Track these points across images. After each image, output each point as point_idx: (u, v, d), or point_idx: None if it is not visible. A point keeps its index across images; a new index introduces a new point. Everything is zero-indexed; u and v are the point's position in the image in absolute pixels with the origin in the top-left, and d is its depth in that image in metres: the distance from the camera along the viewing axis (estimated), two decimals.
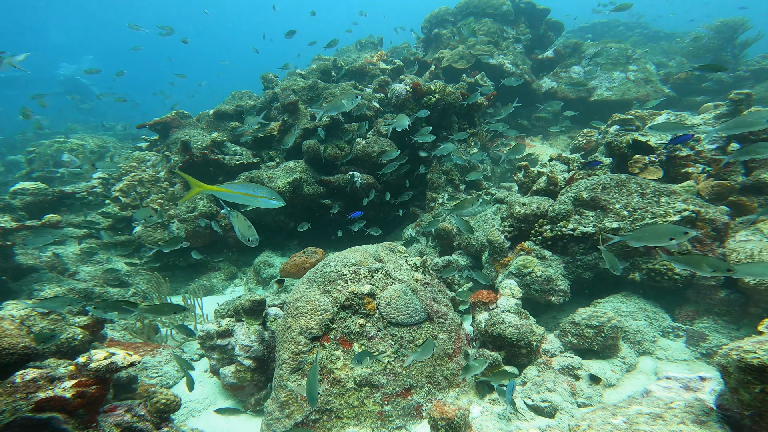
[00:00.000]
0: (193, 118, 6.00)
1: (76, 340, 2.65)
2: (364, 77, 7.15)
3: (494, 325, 2.74)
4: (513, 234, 3.64)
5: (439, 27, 8.80)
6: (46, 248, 4.31)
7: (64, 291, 3.59)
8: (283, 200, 1.97)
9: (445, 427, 1.98)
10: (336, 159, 5.32)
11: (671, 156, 3.63)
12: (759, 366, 1.04)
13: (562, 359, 2.65)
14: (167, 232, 4.83)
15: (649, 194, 3.14)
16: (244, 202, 1.97)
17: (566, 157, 4.25)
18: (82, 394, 1.74)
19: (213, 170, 5.35)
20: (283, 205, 1.97)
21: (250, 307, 3.09)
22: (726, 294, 2.85)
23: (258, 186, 1.98)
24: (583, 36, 12.95)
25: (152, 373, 3.32)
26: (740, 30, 8.95)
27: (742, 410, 1.10)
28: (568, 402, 2.37)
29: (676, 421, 1.15)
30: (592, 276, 3.23)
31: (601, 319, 2.74)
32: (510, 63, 8.06)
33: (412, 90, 5.51)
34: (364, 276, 2.75)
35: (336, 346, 2.57)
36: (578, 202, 3.34)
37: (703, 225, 2.98)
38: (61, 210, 4.88)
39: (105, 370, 1.76)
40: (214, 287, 5.12)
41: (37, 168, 6.35)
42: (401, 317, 2.63)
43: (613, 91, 8.06)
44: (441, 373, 2.62)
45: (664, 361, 2.78)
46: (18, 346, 1.37)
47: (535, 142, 7.96)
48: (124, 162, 5.38)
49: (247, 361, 2.99)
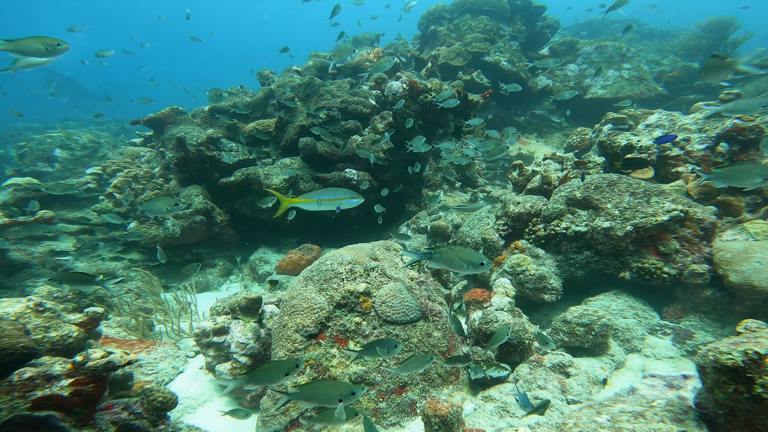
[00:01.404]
0: (188, 114, 5.96)
1: (71, 338, 2.65)
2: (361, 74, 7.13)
3: (488, 324, 2.79)
4: (507, 232, 3.69)
5: (436, 24, 8.78)
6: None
7: (57, 288, 3.57)
8: (361, 197, 2.09)
9: (439, 424, 2.03)
10: (332, 156, 5.32)
11: (662, 156, 3.69)
12: (733, 367, 1.09)
13: (554, 357, 2.70)
14: (162, 229, 4.81)
15: (639, 194, 3.20)
16: (331, 207, 2.09)
17: (560, 156, 4.30)
18: (79, 393, 1.76)
19: (209, 167, 5.32)
20: (362, 201, 2.09)
21: (246, 304, 3.11)
22: (712, 293, 2.93)
23: (336, 189, 2.10)
24: (578, 33, 12.99)
25: (147, 370, 3.33)
26: (731, 29, 9.05)
27: (717, 409, 1.15)
28: (558, 399, 2.43)
29: (656, 419, 1.21)
30: (584, 274, 3.29)
31: (591, 317, 2.80)
32: (506, 60, 8.08)
33: (409, 88, 5.51)
34: (360, 274, 2.78)
35: (332, 344, 2.60)
36: (571, 201, 3.39)
37: (691, 224, 3.05)
38: (54, 206, 4.84)
39: (102, 369, 1.78)
40: (210, 284, 5.12)
41: (29, 163, 6.28)
42: (396, 315, 2.66)
43: (607, 89, 8.13)
44: (435, 371, 2.67)
45: (651, 359, 2.86)
46: (17, 346, 1.39)
47: (530, 139, 8.01)
48: (118, 158, 5.34)
49: (243, 358, 3.02)
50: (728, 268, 2.71)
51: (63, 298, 3.41)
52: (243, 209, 5.41)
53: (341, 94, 5.89)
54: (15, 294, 4.19)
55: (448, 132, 5.85)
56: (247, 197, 5.27)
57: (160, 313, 3.95)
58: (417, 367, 2.01)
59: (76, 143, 6.68)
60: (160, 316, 3.95)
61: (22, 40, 2.12)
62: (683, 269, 2.96)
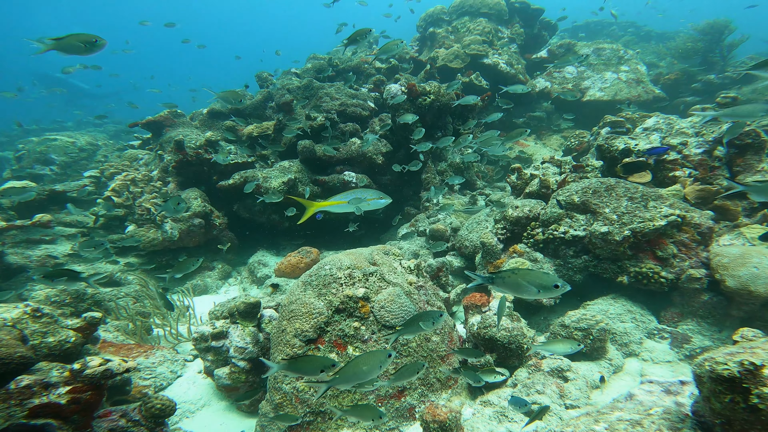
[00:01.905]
0: (186, 117, 5.95)
1: (69, 343, 2.64)
2: (360, 76, 7.14)
3: (486, 328, 2.79)
4: (506, 236, 3.69)
5: (435, 26, 8.80)
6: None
7: (55, 292, 3.56)
8: (390, 197, 2.10)
9: (437, 430, 2.03)
10: (331, 158, 5.32)
11: (659, 159, 3.71)
12: (729, 377, 1.10)
13: (552, 361, 2.71)
14: (160, 232, 4.80)
15: (637, 198, 3.21)
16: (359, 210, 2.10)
17: (558, 160, 4.31)
18: (76, 400, 1.76)
19: (207, 169, 5.32)
20: (391, 201, 2.09)
21: (245, 309, 3.10)
22: (709, 297, 2.94)
23: (363, 190, 2.12)
24: (576, 35, 13.04)
25: (146, 375, 3.33)
26: (726, 32, 9.10)
27: (714, 418, 1.16)
28: (557, 404, 2.43)
29: (653, 427, 1.22)
30: (582, 278, 3.30)
31: (589, 321, 2.81)
32: (504, 63, 8.10)
33: (407, 91, 5.52)
34: (358, 279, 2.78)
35: (330, 349, 2.60)
36: (569, 206, 3.40)
37: (688, 229, 3.06)
38: (52, 209, 4.82)
39: (100, 377, 1.77)
40: (209, 286, 5.11)
41: (26, 165, 6.26)
42: (395, 320, 2.67)
43: (605, 92, 8.16)
44: (434, 375, 2.67)
45: (649, 363, 2.86)
46: (14, 355, 1.38)
47: (528, 141, 8.03)
48: (116, 160, 5.32)
49: (241, 362, 3.02)
50: (725, 273, 2.72)
51: (61, 303, 3.40)
52: (242, 212, 5.40)
53: (340, 97, 5.90)
54: (12, 297, 4.18)
55: (447, 134, 5.86)
56: (246, 200, 5.27)
57: (158, 317, 3.94)
58: (408, 377, 1.99)
59: (74, 146, 6.67)
60: (158, 320, 3.94)
61: (65, 38, 2.24)
62: (680, 274, 2.97)
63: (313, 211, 2.11)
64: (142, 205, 4.65)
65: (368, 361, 1.69)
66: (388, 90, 5.70)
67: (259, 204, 5.12)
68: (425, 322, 1.86)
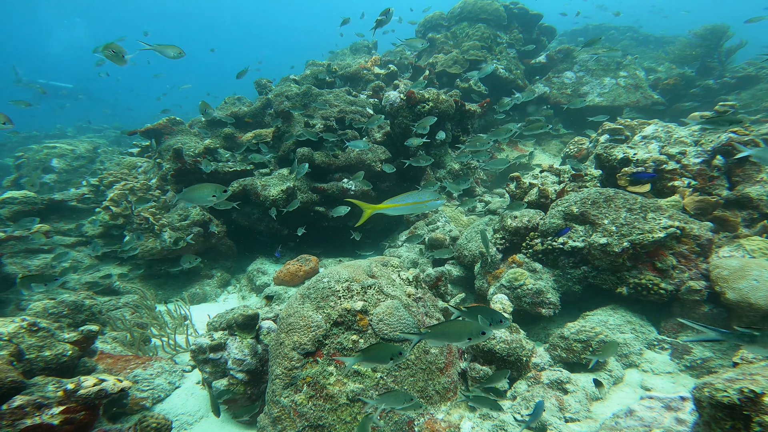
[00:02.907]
0: (185, 125, 5.95)
1: (66, 356, 2.63)
2: (359, 82, 7.15)
3: (485, 340, 2.78)
4: (505, 246, 3.68)
5: (433, 31, 8.82)
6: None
7: (53, 303, 3.55)
8: (443, 198, 2.14)
9: None
10: (330, 166, 5.32)
11: (658, 169, 3.71)
12: (729, 404, 1.09)
13: (551, 373, 2.70)
14: (159, 241, 4.79)
15: (636, 209, 3.20)
16: (416, 210, 2.17)
17: (557, 169, 4.30)
18: (70, 421, 1.74)
19: (206, 177, 5.31)
20: (445, 202, 2.16)
21: (243, 321, 3.09)
22: (709, 309, 2.93)
23: (417, 192, 2.15)
24: (575, 40, 13.08)
25: (144, 386, 3.30)
26: (724, 37, 9.13)
27: None
28: (556, 417, 2.42)
29: None
30: (582, 289, 3.29)
31: (589, 333, 2.80)
32: (503, 68, 8.12)
33: (406, 98, 5.52)
34: (357, 292, 2.77)
35: (329, 362, 2.59)
36: (569, 216, 3.40)
37: (688, 241, 3.05)
38: (51, 218, 4.82)
39: (94, 397, 1.76)
40: (207, 295, 5.09)
41: (25, 173, 6.26)
42: (393, 333, 2.65)
43: (604, 97, 8.17)
44: (433, 388, 2.65)
45: (649, 374, 2.85)
46: (5, 380, 1.37)
47: (527, 147, 8.03)
48: (115, 168, 5.32)
49: (239, 374, 3.00)
50: (725, 285, 2.71)
51: (59, 314, 3.38)
52: (241, 219, 5.40)
53: (339, 104, 5.90)
54: (11, 308, 4.16)
55: (446, 142, 5.86)
56: (245, 207, 5.26)
57: (155, 328, 3.92)
58: (395, 404, 2.04)
59: (73, 153, 6.67)
60: (155, 330, 3.92)
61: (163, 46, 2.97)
62: (680, 285, 2.96)
63: (370, 214, 2.16)
64: (141, 215, 4.64)
65: (458, 326, 1.85)
66: (387, 97, 5.71)
67: (258, 211, 5.11)
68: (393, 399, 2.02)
